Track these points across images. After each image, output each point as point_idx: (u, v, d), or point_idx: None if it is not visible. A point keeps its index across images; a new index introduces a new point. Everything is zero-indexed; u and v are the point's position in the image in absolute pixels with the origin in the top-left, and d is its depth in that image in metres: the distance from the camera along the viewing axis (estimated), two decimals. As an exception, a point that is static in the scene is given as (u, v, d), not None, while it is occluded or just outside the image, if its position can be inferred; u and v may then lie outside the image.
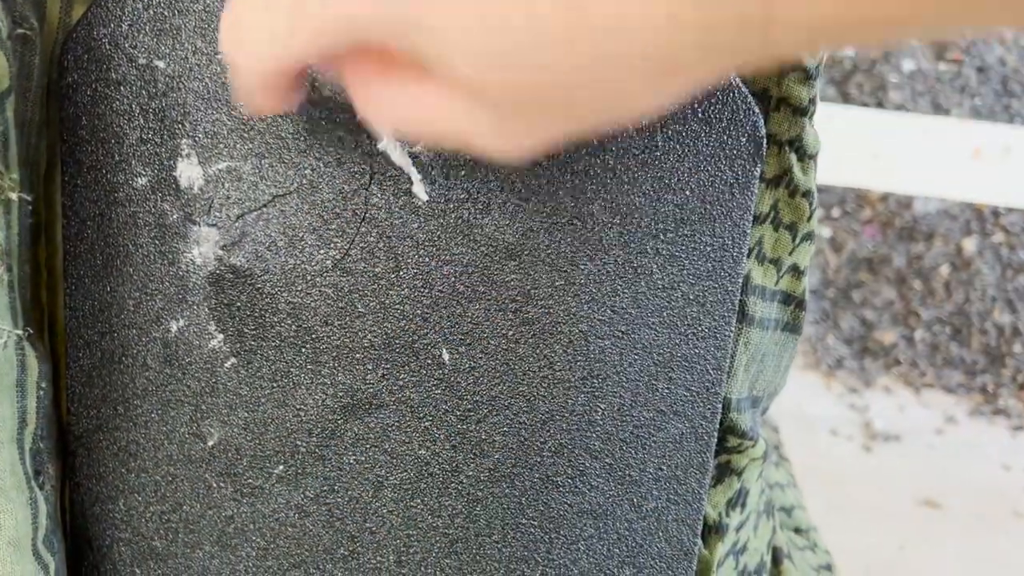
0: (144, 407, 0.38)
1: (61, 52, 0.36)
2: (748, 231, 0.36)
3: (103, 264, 0.37)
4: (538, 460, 0.37)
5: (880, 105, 2.16)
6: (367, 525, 0.38)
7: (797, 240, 0.38)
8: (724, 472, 0.41)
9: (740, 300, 0.37)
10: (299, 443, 0.37)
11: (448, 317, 0.36)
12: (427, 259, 0.35)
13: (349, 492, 0.38)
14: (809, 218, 0.37)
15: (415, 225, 0.35)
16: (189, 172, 0.36)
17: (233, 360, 0.37)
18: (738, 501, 0.42)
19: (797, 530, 0.59)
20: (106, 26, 0.35)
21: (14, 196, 0.35)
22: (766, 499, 0.46)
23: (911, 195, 2.05)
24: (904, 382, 1.94)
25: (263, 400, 0.37)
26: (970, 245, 2.01)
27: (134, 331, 0.38)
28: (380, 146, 0.34)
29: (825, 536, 0.61)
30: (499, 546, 0.38)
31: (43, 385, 0.38)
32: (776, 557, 0.48)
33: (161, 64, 0.35)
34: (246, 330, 0.37)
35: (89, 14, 0.35)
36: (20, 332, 0.36)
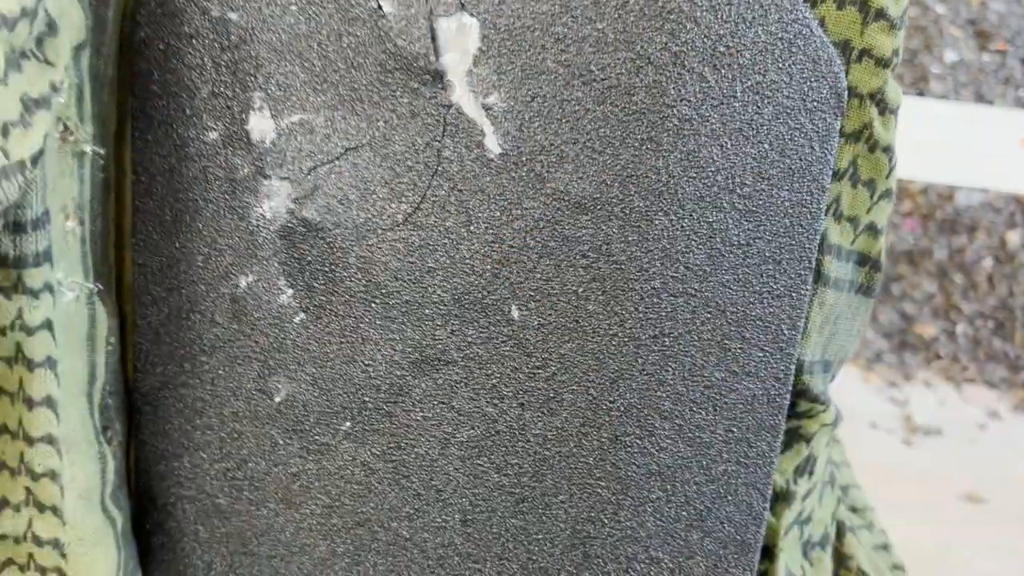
0: (211, 363, 0.38)
1: (134, 6, 0.36)
2: (827, 187, 0.35)
3: (172, 220, 0.37)
4: (607, 419, 0.36)
5: (921, 96, 2.12)
6: (433, 483, 0.38)
7: (875, 197, 0.37)
8: (793, 438, 0.40)
9: (816, 259, 0.37)
10: (367, 399, 0.37)
11: (518, 273, 0.35)
12: (498, 213, 0.35)
13: (416, 449, 0.37)
14: (888, 175, 0.36)
15: (487, 179, 0.35)
16: (261, 125, 0.35)
17: (302, 315, 0.37)
18: (806, 469, 0.41)
19: (853, 509, 0.58)
20: None
21: (88, 149, 0.35)
22: (831, 470, 0.46)
23: (953, 187, 2.02)
24: (945, 376, 1.91)
25: (331, 356, 0.37)
26: (1014, 238, 1.97)
27: (202, 287, 0.38)
28: (453, 98, 0.34)
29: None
30: (566, 506, 0.37)
31: (111, 340, 0.38)
32: (840, 530, 0.47)
33: (234, 16, 0.35)
34: (316, 285, 0.36)
35: (163, -33, 0.35)
36: (92, 286, 0.36)
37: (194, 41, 0.35)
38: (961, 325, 1.96)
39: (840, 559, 0.46)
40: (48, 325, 0.34)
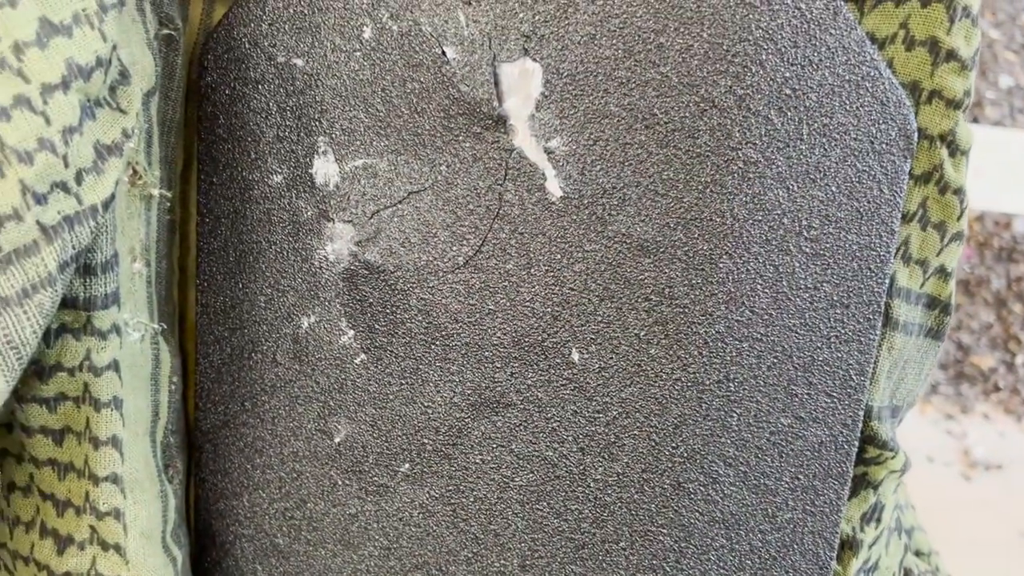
0: (272, 403, 0.39)
1: (201, 52, 0.37)
2: (896, 230, 0.34)
3: (236, 261, 0.38)
4: (669, 466, 0.36)
5: (976, 122, 2.08)
6: (491, 527, 0.37)
7: (945, 240, 0.36)
8: (860, 484, 0.39)
9: (885, 303, 0.36)
10: (426, 441, 0.37)
11: (579, 316, 0.35)
12: (559, 256, 0.35)
13: (474, 492, 0.37)
14: (960, 217, 0.35)
15: (548, 222, 0.34)
16: (325, 169, 0.36)
17: (363, 356, 0.37)
18: (873, 516, 0.40)
19: (918, 553, 0.56)
20: (246, 25, 0.36)
21: (155, 192, 0.36)
22: (897, 516, 0.44)
23: (1010, 214, 1.97)
24: (1004, 409, 1.85)
25: (391, 397, 0.37)
26: (1075, 266, 1.92)
27: (264, 327, 0.38)
28: (516, 142, 0.34)
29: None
30: (626, 553, 0.37)
31: (174, 380, 0.38)
32: (907, 578, 0.45)
33: (299, 62, 0.35)
34: (377, 326, 0.36)
35: (230, 14, 0.36)
36: (156, 327, 0.37)
37: (260, 86, 0.36)
38: (1020, 356, 1.91)
39: (908, 608, 0.45)
40: (115, 366, 0.35)
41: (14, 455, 0.36)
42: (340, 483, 0.38)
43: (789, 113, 0.33)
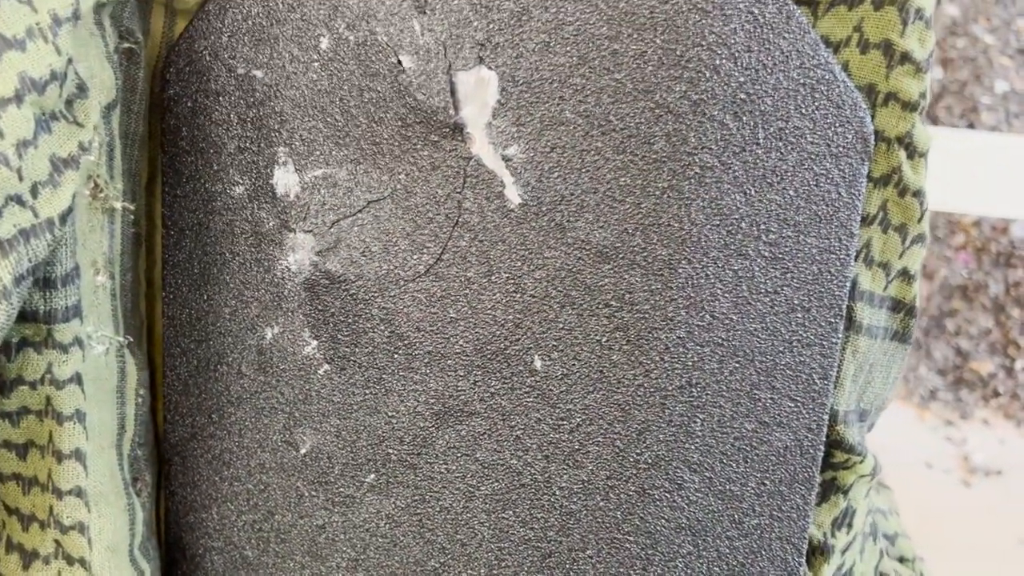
0: (238, 415, 0.39)
1: (163, 65, 0.37)
2: (856, 232, 0.34)
3: (200, 273, 0.38)
4: (634, 472, 0.36)
5: (972, 127, 2.08)
6: (458, 537, 0.37)
7: (907, 242, 0.36)
8: (830, 489, 0.39)
9: (848, 306, 0.36)
10: (391, 451, 0.37)
11: (540, 323, 0.35)
12: (519, 263, 0.35)
13: (440, 502, 0.37)
14: (920, 219, 0.35)
15: (507, 229, 0.34)
16: (286, 179, 0.36)
17: (326, 367, 0.37)
18: (844, 521, 0.39)
19: (902, 559, 0.56)
20: (206, 38, 0.36)
21: (118, 205, 0.36)
22: (872, 521, 0.44)
23: (1007, 219, 1.97)
24: (1004, 415, 1.84)
25: (355, 407, 0.37)
26: (1073, 270, 1.91)
27: (229, 339, 0.38)
28: (473, 150, 0.34)
29: (921, 575, 0.58)
30: (593, 562, 0.37)
31: (141, 392, 0.38)
32: (884, 584, 0.45)
33: (259, 73, 0.35)
34: (340, 336, 0.36)
35: (191, 27, 0.36)
36: (121, 339, 0.37)
37: (221, 98, 0.36)
38: (1020, 361, 1.90)
39: (884, 614, 0.44)
40: (77, 379, 0.35)
41: (-21, 470, 0.36)
42: (307, 494, 0.38)
43: (744, 118, 0.33)
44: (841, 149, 0.33)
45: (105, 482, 0.36)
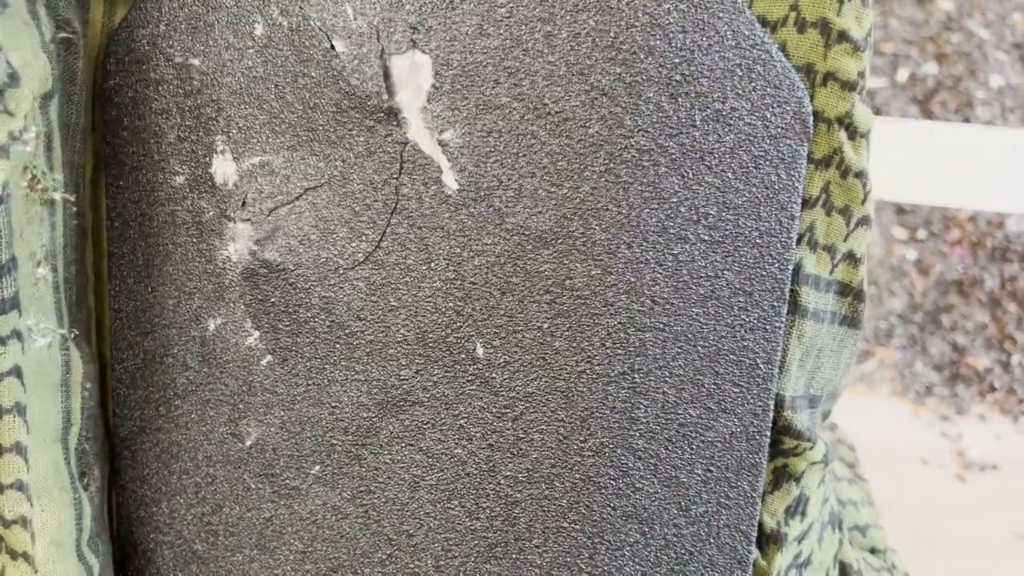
0: (184, 407, 0.38)
1: (104, 55, 0.37)
2: (797, 215, 0.34)
3: (144, 264, 0.38)
4: (578, 460, 0.35)
5: (967, 122, 2.07)
6: (404, 527, 0.37)
7: (852, 225, 0.35)
8: (781, 477, 0.38)
9: (791, 289, 0.35)
10: (335, 442, 0.37)
11: (481, 310, 0.35)
12: (458, 250, 0.34)
13: (386, 492, 0.37)
14: (864, 201, 0.35)
15: (446, 215, 0.34)
16: (224, 168, 0.36)
17: (269, 358, 0.37)
18: (797, 509, 0.39)
19: (873, 550, 0.55)
20: (145, 27, 0.36)
21: (58, 196, 0.35)
22: (831, 510, 0.43)
23: (1003, 214, 1.96)
24: (1000, 410, 1.84)
25: (299, 398, 0.37)
26: (1069, 264, 1.90)
27: (174, 331, 0.38)
28: (409, 135, 0.34)
29: (916, 571, 0.57)
30: (540, 551, 0.36)
31: (87, 386, 0.38)
32: (845, 573, 0.45)
33: (196, 61, 0.35)
34: (280, 326, 0.36)
35: (129, 16, 0.36)
36: (65, 332, 0.37)
37: (160, 87, 0.36)
38: (1016, 356, 1.89)
39: (845, 604, 0.44)
40: (17, 372, 0.34)
41: (-80, 465, 0.36)
42: (253, 487, 0.38)
43: (680, 99, 0.32)
44: (780, 130, 0.33)
45: (49, 476, 0.36)
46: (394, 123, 0.34)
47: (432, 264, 0.35)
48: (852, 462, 0.66)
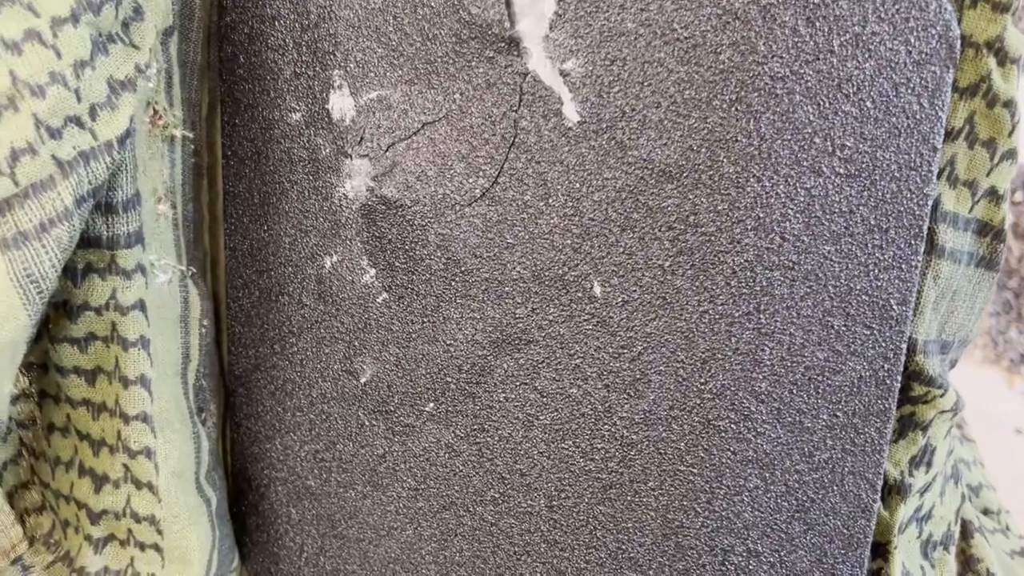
0: (300, 345, 0.39)
1: None
2: (939, 147, 0.32)
3: (260, 203, 0.38)
4: (698, 403, 0.34)
5: None
6: (517, 466, 0.37)
7: (996, 159, 0.33)
8: (908, 425, 0.37)
9: (929, 227, 0.33)
10: (449, 380, 0.36)
11: (599, 247, 0.34)
12: (577, 185, 0.33)
13: (499, 431, 0.36)
14: (1011, 133, 0.33)
15: (565, 149, 0.33)
16: (341, 104, 0.35)
17: (385, 295, 0.36)
18: (923, 459, 0.37)
19: (986, 511, 0.53)
20: None
21: (178, 133, 0.36)
22: (953, 464, 0.42)
23: None
24: (1101, 379, 1.75)
25: (414, 336, 0.36)
26: None
27: (290, 268, 0.38)
28: (530, 65, 0.33)
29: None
30: (656, 494, 0.36)
31: (204, 323, 0.38)
32: (966, 530, 0.43)
33: None
34: (397, 263, 0.36)
35: (246, -49, 0.36)
36: (184, 269, 0.37)
37: (276, 23, 0.36)
38: (1121, 323, 1.80)
39: (967, 561, 0.42)
40: (141, 306, 0.35)
41: (52, 396, 0.37)
42: (367, 424, 0.38)
43: (817, 23, 0.31)
44: (923, 55, 0.31)
45: (171, 409, 0.37)
46: (515, 53, 0.33)
47: (550, 200, 0.34)
48: (960, 423, 0.64)
